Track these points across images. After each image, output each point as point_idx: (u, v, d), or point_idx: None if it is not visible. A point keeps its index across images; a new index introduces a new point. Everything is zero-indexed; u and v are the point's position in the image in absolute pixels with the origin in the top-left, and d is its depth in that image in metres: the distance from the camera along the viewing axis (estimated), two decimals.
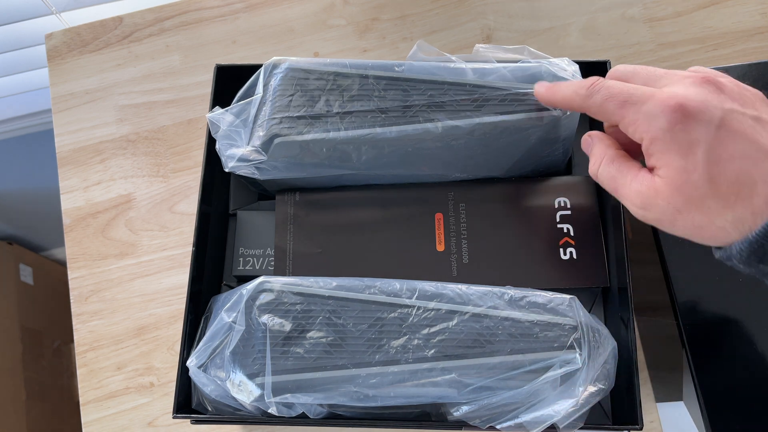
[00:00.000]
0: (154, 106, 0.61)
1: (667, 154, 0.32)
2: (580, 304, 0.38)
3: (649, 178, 0.33)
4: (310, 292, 0.38)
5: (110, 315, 0.54)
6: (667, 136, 0.31)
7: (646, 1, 0.59)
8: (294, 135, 0.41)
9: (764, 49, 0.56)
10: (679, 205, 0.32)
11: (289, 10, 0.63)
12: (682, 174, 0.31)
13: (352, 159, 0.42)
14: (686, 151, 0.31)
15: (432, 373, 0.37)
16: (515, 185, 0.45)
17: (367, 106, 0.41)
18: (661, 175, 0.32)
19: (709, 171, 0.30)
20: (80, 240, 0.57)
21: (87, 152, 0.60)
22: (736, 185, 0.30)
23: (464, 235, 0.44)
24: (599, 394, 0.37)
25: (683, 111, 0.31)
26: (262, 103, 0.42)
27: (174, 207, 0.57)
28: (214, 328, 0.38)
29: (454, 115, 0.41)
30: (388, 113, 0.41)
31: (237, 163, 0.42)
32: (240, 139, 0.43)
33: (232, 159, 0.42)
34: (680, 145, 0.31)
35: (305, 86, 0.42)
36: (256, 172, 0.43)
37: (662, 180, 0.32)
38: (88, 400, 0.52)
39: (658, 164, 0.33)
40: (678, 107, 0.31)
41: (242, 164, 0.42)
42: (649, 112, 0.32)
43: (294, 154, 0.42)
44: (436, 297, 0.38)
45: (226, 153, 0.43)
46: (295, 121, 0.41)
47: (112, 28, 0.64)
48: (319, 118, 0.41)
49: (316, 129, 0.41)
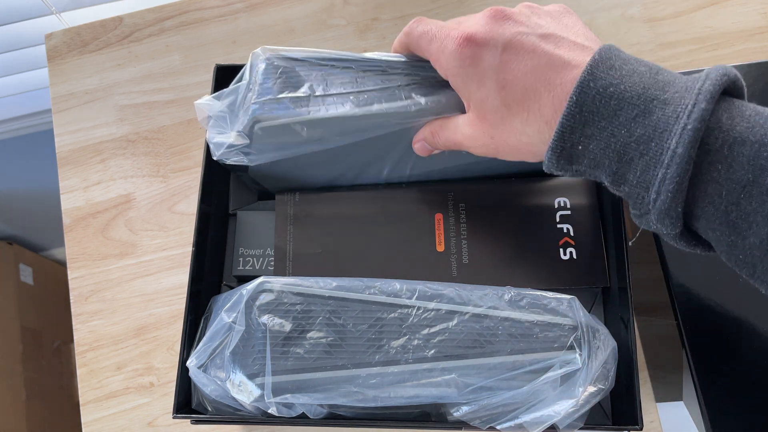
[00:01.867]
0: (154, 106, 0.61)
1: (467, 87, 0.34)
2: (580, 305, 0.38)
3: (466, 116, 0.36)
4: (310, 293, 0.38)
5: (110, 315, 0.54)
6: (462, 71, 0.34)
7: (646, 1, 0.59)
8: (275, 117, 0.41)
9: (764, 49, 0.56)
10: (491, 132, 0.34)
11: (289, 10, 0.63)
12: (482, 103, 0.34)
13: (335, 139, 0.42)
14: (479, 81, 0.33)
15: (432, 373, 0.37)
16: (515, 185, 0.45)
17: (350, 88, 0.41)
18: (471, 109, 0.35)
19: (500, 94, 0.33)
20: (80, 240, 0.57)
21: (87, 152, 0.60)
22: (524, 101, 0.32)
23: (464, 236, 0.44)
24: (599, 394, 0.37)
25: (471, 43, 0.33)
26: (247, 90, 0.42)
27: (174, 207, 0.57)
28: (214, 329, 0.38)
29: (435, 91, 0.40)
30: (370, 93, 0.41)
31: (225, 151, 0.42)
32: (227, 126, 0.43)
33: (220, 147, 0.42)
34: (473, 77, 0.34)
35: (290, 73, 0.42)
36: (244, 159, 0.42)
37: (472, 113, 0.35)
38: (88, 400, 0.52)
39: (464, 99, 0.35)
40: (466, 41, 0.33)
41: (229, 151, 0.42)
42: (446, 49, 0.35)
43: (277, 137, 0.41)
44: (436, 297, 0.38)
45: (214, 141, 0.43)
46: (277, 104, 0.41)
47: (112, 28, 0.64)
48: (301, 100, 0.41)
49: (298, 110, 0.40)
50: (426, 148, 0.41)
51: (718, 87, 0.27)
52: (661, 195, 0.28)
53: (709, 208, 0.28)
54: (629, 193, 0.30)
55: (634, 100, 0.29)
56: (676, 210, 0.28)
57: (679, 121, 0.27)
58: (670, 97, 0.28)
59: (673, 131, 0.27)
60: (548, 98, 0.31)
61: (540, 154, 0.33)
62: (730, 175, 0.27)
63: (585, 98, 0.29)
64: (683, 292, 0.45)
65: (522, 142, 0.33)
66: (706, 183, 0.27)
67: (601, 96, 0.29)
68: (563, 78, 0.31)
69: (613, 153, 0.29)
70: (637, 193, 0.29)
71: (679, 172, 0.27)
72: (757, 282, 0.29)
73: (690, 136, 0.26)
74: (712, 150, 0.27)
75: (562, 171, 0.32)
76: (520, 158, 0.35)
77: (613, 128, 0.29)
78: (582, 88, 0.29)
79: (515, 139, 0.33)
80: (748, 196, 0.26)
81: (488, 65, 0.33)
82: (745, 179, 0.26)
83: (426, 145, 0.40)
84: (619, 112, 0.29)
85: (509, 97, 0.32)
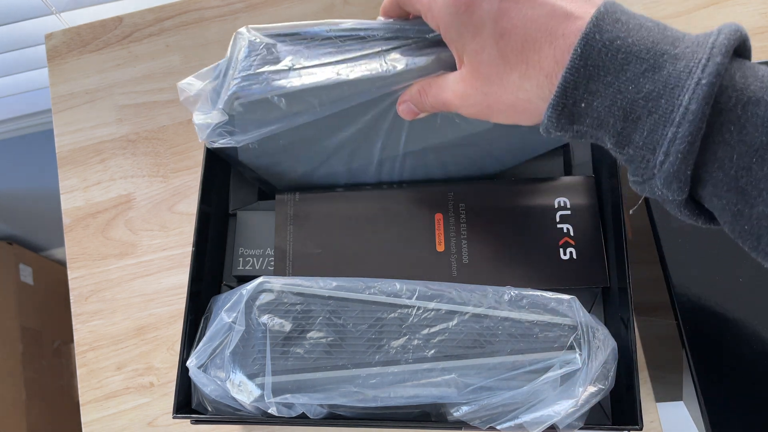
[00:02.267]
0: (154, 106, 0.61)
1: (460, 39, 0.32)
2: (580, 305, 0.38)
3: (457, 72, 0.33)
4: (310, 293, 0.38)
5: (110, 315, 0.54)
6: (456, 19, 0.32)
7: (646, 1, 0.59)
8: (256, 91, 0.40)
9: (764, 49, 0.56)
10: (485, 88, 0.32)
11: (289, 10, 0.63)
12: (477, 55, 0.31)
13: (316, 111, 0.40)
14: (475, 31, 0.31)
15: (432, 373, 0.37)
16: (515, 185, 0.45)
17: (330, 59, 0.40)
18: (464, 63, 0.33)
19: (497, 45, 0.30)
20: (80, 240, 0.57)
21: (87, 152, 0.60)
22: (523, 53, 0.30)
23: (464, 236, 0.44)
24: (599, 394, 0.37)
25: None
26: (228, 68, 0.42)
27: (174, 207, 0.57)
28: (214, 329, 0.38)
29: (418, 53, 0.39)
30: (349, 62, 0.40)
31: (210, 132, 0.42)
32: (212, 108, 0.42)
33: (205, 129, 0.42)
34: (468, 27, 0.31)
35: (271, 48, 0.41)
36: (231, 140, 0.42)
37: (465, 68, 0.32)
38: (88, 400, 0.52)
39: (457, 53, 0.33)
40: None
41: (214, 132, 0.42)
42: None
43: (258, 113, 0.41)
44: (436, 297, 0.38)
45: (198, 122, 0.42)
46: (256, 79, 0.40)
47: (112, 28, 0.64)
48: (280, 73, 0.40)
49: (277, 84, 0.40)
50: (411, 110, 0.38)
51: (732, 41, 0.26)
52: (669, 156, 0.26)
53: (718, 174, 0.26)
54: (633, 156, 0.28)
55: (642, 54, 0.27)
56: (685, 173, 0.26)
57: (692, 75, 0.25)
58: (681, 52, 0.26)
59: (685, 87, 0.25)
60: (550, 50, 0.29)
61: (537, 114, 0.31)
62: (742, 137, 0.25)
63: (590, 51, 0.27)
64: (683, 292, 0.45)
65: (519, 99, 0.31)
66: (717, 145, 0.25)
67: (607, 49, 0.27)
68: (566, 29, 0.28)
69: (619, 111, 0.27)
70: (642, 156, 0.27)
71: (691, 131, 0.25)
72: (760, 255, 0.27)
73: (704, 92, 0.25)
74: (724, 110, 0.25)
75: (561, 131, 0.30)
76: (515, 119, 0.33)
77: (620, 84, 0.27)
78: (587, 40, 0.27)
79: (512, 95, 0.31)
80: (760, 160, 0.25)
81: (485, 13, 0.30)
82: (758, 142, 0.25)
83: (411, 107, 0.38)
84: (626, 66, 0.27)
85: (507, 48, 0.30)
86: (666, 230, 0.47)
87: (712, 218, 0.29)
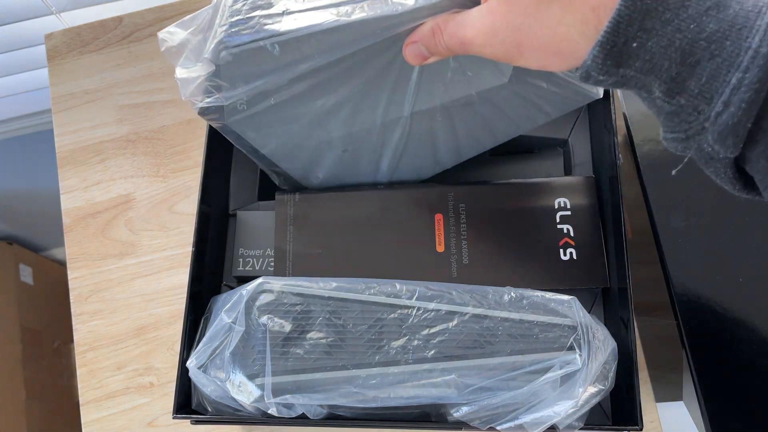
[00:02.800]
0: (154, 106, 0.61)
1: None
2: (580, 305, 0.38)
3: (484, 6, 0.30)
4: (310, 293, 0.38)
5: (110, 315, 0.54)
6: None
7: None
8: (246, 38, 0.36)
9: None
10: (518, 21, 0.28)
11: None
12: None
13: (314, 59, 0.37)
14: None
15: (432, 373, 0.37)
16: (515, 185, 0.45)
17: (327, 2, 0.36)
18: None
19: None
20: (80, 240, 0.57)
21: (87, 152, 0.60)
22: None
23: (464, 236, 0.44)
24: (599, 394, 0.37)
25: None
26: (215, 14, 0.38)
27: (174, 207, 0.57)
28: (214, 329, 0.38)
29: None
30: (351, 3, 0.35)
31: (194, 89, 0.38)
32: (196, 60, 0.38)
33: (188, 84, 0.38)
34: None
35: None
36: (218, 98, 0.38)
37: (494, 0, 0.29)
38: (88, 400, 0.52)
39: None
40: None
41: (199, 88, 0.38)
42: None
43: (249, 63, 0.37)
44: (436, 298, 0.38)
45: (181, 77, 0.39)
46: (246, 24, 0.36)
47: (112, 28, 0.64)
48: (274, 17, 0.36)
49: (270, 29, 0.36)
50: (420, 53, 0.34)
51: None
52: (730, 106, 0.23)
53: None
54: (683, 105, 0.25)
55: None
56: (744, 126, 0.23)
57: (762, 15, 0.22)
58: None
59: (755, 27, 0.22)
60: None
61: (573, 56, 0.27)
62: None
63: None
64: (683, 292, 0.45)
65: (556, 36, 0.27)
66: None
67: None
68: None
69: (677, 53, 0.24)
70: (695, 106, 0.24)
71: (760, 77, 0.22)
72: None
73: None
74: None
75: (604, 75, 0.26)
76: (545, 62, 0.29)
77: (680, 22, 0.24)
78: None
79: (549, 30, 0.27)
80: None
81: None
82: None
83: (421, 49, 0.34)
84: (687, 2, 0.24)
85: None
86: (666, 230, 0.47)
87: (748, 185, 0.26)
